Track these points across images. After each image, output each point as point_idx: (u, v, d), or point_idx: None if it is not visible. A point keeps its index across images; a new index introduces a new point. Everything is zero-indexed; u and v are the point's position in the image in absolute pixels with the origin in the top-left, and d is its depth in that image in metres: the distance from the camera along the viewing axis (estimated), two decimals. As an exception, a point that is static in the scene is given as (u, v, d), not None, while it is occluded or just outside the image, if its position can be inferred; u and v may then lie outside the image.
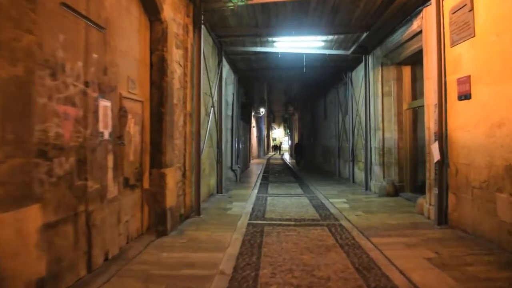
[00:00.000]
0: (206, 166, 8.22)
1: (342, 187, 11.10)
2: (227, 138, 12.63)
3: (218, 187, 9.63)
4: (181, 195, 6.26)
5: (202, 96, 7.23)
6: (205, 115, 7.96)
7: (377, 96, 9.50)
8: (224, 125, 11.72)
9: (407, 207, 7.67)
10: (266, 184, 12.48)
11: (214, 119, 8.93)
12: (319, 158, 19.11)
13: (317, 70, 12.87)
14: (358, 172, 11.68)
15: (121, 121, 4.48)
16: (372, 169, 9.86)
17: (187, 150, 6.48)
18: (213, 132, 9.05)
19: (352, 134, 12.13)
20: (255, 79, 14.83)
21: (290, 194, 9.93)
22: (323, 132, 17.91)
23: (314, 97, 20.45)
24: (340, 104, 14.08)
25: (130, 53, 4.77)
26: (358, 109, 11.16)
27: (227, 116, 12.63)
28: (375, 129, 9.63)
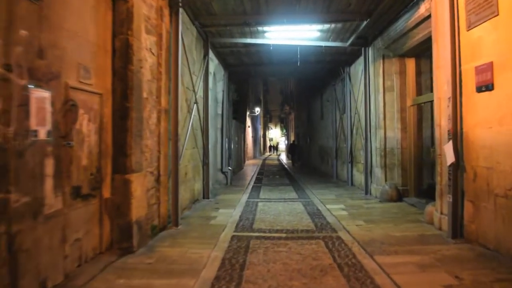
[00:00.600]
0: (189, 169, 7.37)
1: (340, 191, 10.27)
2: (217, 138, 11.79)
3: (204, 192, 8.78)
4: (154, 204, 5.40)
5: (181, 91, 6.38)
6: (186, 113, 7.11)
7: (378, 91, 8.68)
8: (212, 124, 10.88)
9: (413, 214, 6.84)
10: (258, 187, 11.64)
11: (199, 117, 8.08)
12: (316, 159, 18.29)
13: (313, 65, 12.04)
14: (357, 174, 10.85)
15: (67, 117, 3.62)
16: (373, 171, 9.04)
17: (162, 152, 5.63)
18: (198, 131, 8.20)
19: (350, 134, 11.31)
20: (247, 75, 13.97)
21: (283, 199, 9.09)
22: (320, 131, 17.10)
23: (310, 95, 19.63)
24: (337, 102, 13.26)
25: (82, 35, 3.92)
26: (357, 107, 10.35)
27: (217, 115, 11.79)
28: (376, 127, 8.81)
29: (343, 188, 10.85)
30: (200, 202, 8.31)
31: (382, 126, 8.56)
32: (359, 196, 9.23)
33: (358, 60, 10.51)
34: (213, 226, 6.09)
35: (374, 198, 8.69)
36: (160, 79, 5.58)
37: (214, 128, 11.36)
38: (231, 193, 10.15)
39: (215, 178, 11.64)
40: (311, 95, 19.20)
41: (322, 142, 16.68)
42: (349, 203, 8.15)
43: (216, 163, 11.73)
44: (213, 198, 8.93)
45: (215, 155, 11.57)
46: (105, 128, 4.35)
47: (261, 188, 11.48)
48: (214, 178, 11.42)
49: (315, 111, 18.27)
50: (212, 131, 10.85)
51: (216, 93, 11.80)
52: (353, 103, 11.02)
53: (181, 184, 6.70)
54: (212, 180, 10.90)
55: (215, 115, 11.50)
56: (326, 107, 15.60)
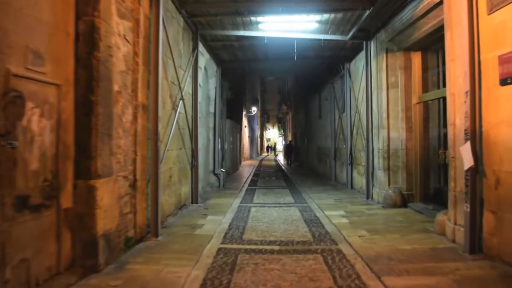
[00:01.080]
0: (174, 172, 6.70)
1: (339, 195, 9.62)
2: (209, 138, 11.13)
3: (193, 197, 8.11)
4: (129, 213, 4.73)
5: (164, 85, 5.73)
6: (171, 110, 6.44)
7: (381, 88, 8.04)
8: (204, 124, 10.23)
9: (420, 223, 6.19)
10: (253, 190, 10.98)
11: (186, 115, 7.41)
12: (314, 160, 17.65)
13: (311, 61, 11.40)
14: (357, 177, 10.21)
15: (8, 111, 2.95)
16: (375, 174, 8.39)
17: (139, 153, 4.96)
18: (186, 131, 7.54)
19: (350, 134, 10.66)
20: (241, 72, 13.32)
21: (278, 204, 8.43)
22: (318, 131, 16.46)
23: (307, 94, 19.00)
24: (336, 101, 12.62)
25: (32, 13, 3.25)
26: (358, 105, 9.70)
27: (209, 114, 11.12)
28: (378, 127, 8.16)
29: (342, 192, 10.20)
30: (187, 208, 7.64)
31: (385, 126, 7.92)
32: (360, 201, 8.58)
33: (358, 56, 9.87)
34: (198, 237, 5.42)
35: (377, 204, 8.04)
36: (137, 70, 4.91)
37: (206, 127, 10.70)
38: (223, 197, 9.48)
39: (207, 181, 10.98)
40: (309, 94, 18.57)
41: (320, 142, 16.05)
42: (350, 209, 7.49)
43: (208, 164, 11.07)
44: (202, 203, 8.26)
45: (207, 156, 10.91)
46: (64, 126, 3.67)
47: (256, 191, 10.82)
48: (206, 180, 10.76)
49: (313, 110, 17.64)
50: (203, 130, 10.19)
51: (208, 90, 11.14)
52: (353, 101, 10.37)
53: (165, 189, 6.04)
54: (203, 183, 10.24)
55: (207, 113, 10.84)
56: (324, 106, 14.97)
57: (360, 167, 9.91)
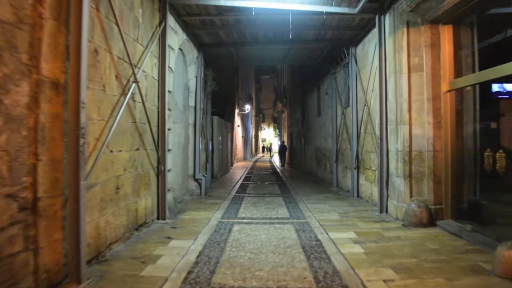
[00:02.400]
0: (124, 181, 4.91)
1: (344, 206, 7.87)
2: (188, 136, 9.35)
3: (159, 211, 6.31)
4: (21, 252, 2.93)
5: (97, 56, 3.94)
6: (118, 95, 4.65)
7: (400, 73, 6.29)
8: (181, 119, 8.47)
9: (464, 254, 4.44)
10: (240, 198, 9.20)
11: (144, 106, 5.61)
12: (311, 162, 15.88)
13: (309, 46, 9.63)
14: (365, 184, 8.46)
15: None
16: (391, 182, 6.64)
17: (43, 157, 3.17)
18: (147, 126, 5.74)
19: (356, 132, 8.92)
20: (228, 59, 11.47)
21: (269, 219, 6.66)
22: (317, 130, 14.70)
23: (305, 88, 17.24)
24: (339, 94, 10.87)
25: None
26: (367, 97, 7.96)
27: (188, 108, 9.34)
28: (396, 122, 6.41)
29: (347, 202, 8.43)
30: (149, 227, 5.84)
31: (406, 121, 6.17)
32: (371, 216, 6.82)
33: (367, 37, 8.13)
34: (143, 282, 3.63)
35: (394, 220, 6.29)
36: (40, 26, 3.11)
37: (184, 123, 8.92)
38: (201, 208, 7.69)
39: (186, 188, 9.19)
40: (307, 89, 16.81)
41: (319, 143, 14.29)
42: (361, 229, 5.73)
43: (186, 168, 9.28)
44: (171, 219, 6.47)
45: (185, 158, 9.12)
46: None
47: (244, 200, 9.03)
48: (184, 188, 8.97)
49: (311, 107, 15.88)
50: (179, 127, 8.42)
51: (187, 80, 9.35)
52: (361, 93, 8.64)
53: (106, 206, 4.28)
54: (179, 191, 8.46)
55: (185, 107, 9.06)
56: (324, 102, 13.22)
57: (369, 172, 8.16)
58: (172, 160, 7.84)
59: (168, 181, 6.76)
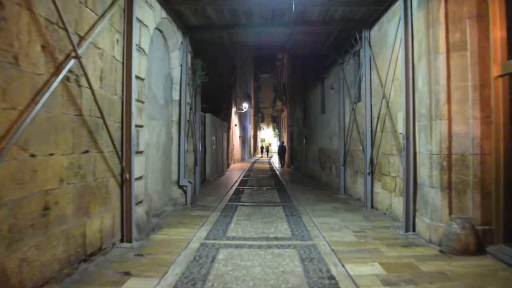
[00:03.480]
0: (62, 197, 3.49)
1: (358, 221, 6.45)
2: (171, 135, 7.94)
3: (124, 231, 4.89)
4: None
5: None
6: (48, 76, 3.22)
7: (436, 53, 4.87)
8: (161, 114, 7.09)
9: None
10: (233, 209, 7.79)
11: (94, 94, 4.16)
12: (314, 165, 14.45)
13: (314, 28, 8.19)
14: (382, 193, 7.05)
15: None
16: (422, 194, 5.22)
17: None
18: (100, 122, 4.31)
19: (371, 131, 7.51)
20: (220, 47, 10.00)
21: (266, 240, 5.25)
22: (320, 130, 13.27)
23: (307, 84, 15.81)
24: (347, 87, 9.47)
25: None
26: (385, 89, 6.56)
27: (170, 101, 7.93)
28: (429, 117, 4.99)
29: (360, 214, 7.02)
30: (105, 255, 4.41)
31: (443, 115, 4.76)
32: (395, 235, 5.40)
33: (386, 16, 6.72)
34: None
35: (427, 243, 4.88)
36: None
37: (165, 120, 7.50)
38: (183, 223, 6.27)
39: (168, 196, 7.77)
40: (309, 84, 15.38)
41: (323, 143, 12.86)
42: (388, 259, 4.30)
43: (169, 173, 7.86)
44: (141, 240, 5.04)
45: (168, 161, 7.71)
46: None
47: (237, 210, 7.62)
48: (166, 196, 7.55)
49: (314, 103, 14.45)
50: (158, 124, 7.02)
51: (170, 68, 7.92)
52: (376, 84, 7.24)
53: (23, 237, 2.90)
54: (160, 201, 7.06)
55: (167, 101, 7.63)
56: (329, 97, 11.79)
57: (387, 179, 6.75)
58: (150, 164, 6.43)
59: (138, 192, 5.34)
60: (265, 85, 51.37)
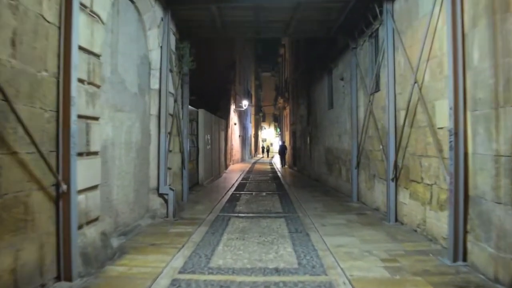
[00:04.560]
0: None
1: (384, 241, 5.00)
2: (149, 133, 6.52)
3: (61, 264, 3.45)
4: None
5: None
6: None
7: (505, 10, 3.41)
8: (133, 106, 5.66)
9: None
10: (224, 222, 6.35)
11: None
12: (320, 166, 12.97)
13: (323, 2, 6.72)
14: (411, 204, 5.59)
15: None
16: (480, 210, 3.76)
17: None
18: (7, 108, 2.88)
19: (394, 126, 6.07)
20: (210, 29, 8.48)
21: (262, 274, 3.81)
22: (327, 127, 11.79)
23: (312, 77, 14.34)
24: (360, 76, 8.01)
25: None
26: (418, 71, 5.10)
27: (148, 91, 6.50)
28: (493, 104, 3.53)
29: (383, 231, 5.55)
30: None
31: (518, 99, 3.30)
32: (439, 267, 3.94)
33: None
34: None
35: (493, 283, 3.42)
36: None
37: (140, 114, 6.06)
38: (156, 245, 4.83)
39: (145, 207, 6.35)
40: (314, 77, 13.89)
41: (330, 142, 11.39)
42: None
43: (147, 179, 6.43)
44: (87, 276, 3.60)
45: (144, 164, 6.27)
46: None
47: (229, 225, 6.18)
48: (142, 207, 6.12)
49: (320, 98, 12.96)
50: (130, 119, 5.60)
51: (148, 51, 6.49)
52: (403, 66, 5.80)
53: None
54: (132, 215, 5.63)
55: (141, 89, 6.19)
56: (338, 90, 10.33)
57: (419, 187, 5.29)
58: (117, 168, 5.01)
59: (90, 207, 3.92)
60: (267, 84, 49.91)
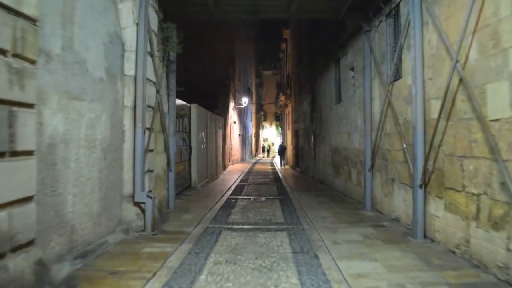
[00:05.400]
0: None
1: (417, 269, 3.83)
2: (122, 128, 5.36)
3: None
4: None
5: None
6: None
7: None
8: (98, 93, 4.47)
9: None
10: (214, 237, 5.19)
11: None
12: (326, 168, 11.78)
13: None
14: (447, 218, 4.41)
15: None
16: None
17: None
18: None
19: (423, 120, 4.89)
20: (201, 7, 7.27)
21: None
22: (335, 124, 10.60)
23: (316, 69, 13.14)
24: (375, 64, 6.84)
25: None
26: (460, 48, 3.93)
27: (121, 76, 5.35)
28: None
29: (412, 253, 4.37)
30: None
31: None
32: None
33: None
34: None
35: None
36: None
37: (107, 104, 4.89)
38: (115, 277, 3.66)
39: (117, 220, 5.20)
40: (319, 69, 12.70)
41: (338, 141, 10.20)
42: None
43: (119, 183, 5.27)
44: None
45: (116, 166, 5.12)
46: None
47: (218, 241, 5.03)
48: (113, 219, 4.96)
49: (325, 92, 11.77)
50: (93, 110, 4.43)
51: (120, 28, 5.31)
52: (433, 46, 4.63)
53: None
54: (96, 231, 4.51)
55: (111, 74, 5.01)
56: (347, 82, 9.14)
57: (459, 196, 4.12)
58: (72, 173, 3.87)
59: (14, 228, 2.77)
60: (268, 82, 48.75)
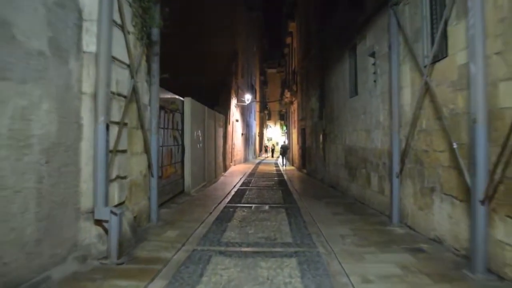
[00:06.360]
0: None
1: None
2: (79, 123, 4.01)
3: None
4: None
5: None
6: None
7: None
8: (39, 75, 3.00)
9: None
10: (200, 267, 3.88)
11: None
12: (338, 170, 10.40)
13: None
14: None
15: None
16: None
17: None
18: None
19: (485, 111, 3.53)
20: None
21: None
22: (349, 120, 9.22)
23: (327, 60, 11.76)
24: (405, 42, 5.47)
25: None
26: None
27: (75, 53, 4.00)
28: None
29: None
30: None
31: None
32: None
33: None
34: None
35: None
36: None
37: (52, 88, 3.56)
38: None
39: (70, 244, 3.87)
40: (330, 60, 11.31)
41: (353, 139, 8.83)
42: None
43: (76, 196, 3.95)
44: None
45: (64, 174, 3.79)
46: None
47: (204, 275, 3.71)
48: (57, 247, 3.63)
49: (338, 84, 10.39)
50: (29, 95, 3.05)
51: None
52: (503, 7, 3.26)
53: None
54: (28, 264, 3.11)
55: (58, 49, 3.69)
56: (366, 71, 7.77)
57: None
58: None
59: None
60: (272, 81, 47.34)
